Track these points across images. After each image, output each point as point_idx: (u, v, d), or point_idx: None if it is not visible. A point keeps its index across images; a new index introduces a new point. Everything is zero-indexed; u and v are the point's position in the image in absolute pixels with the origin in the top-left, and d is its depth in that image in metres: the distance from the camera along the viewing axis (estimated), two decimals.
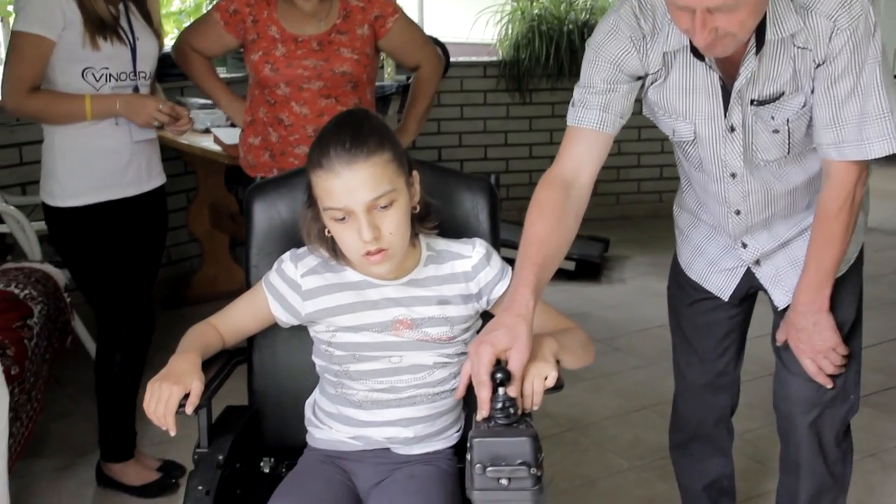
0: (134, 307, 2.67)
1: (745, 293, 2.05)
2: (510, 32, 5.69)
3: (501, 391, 1.46)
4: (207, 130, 3.83)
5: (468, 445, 1.42)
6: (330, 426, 1.76)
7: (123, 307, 2.65)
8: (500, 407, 1.45)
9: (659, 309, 4.13)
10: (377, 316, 1.69)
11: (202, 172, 4.35)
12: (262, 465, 1.82)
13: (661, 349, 3.73)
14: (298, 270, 1.73)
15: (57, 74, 2.48)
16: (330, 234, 1.65)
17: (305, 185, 1.67)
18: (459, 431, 1.79)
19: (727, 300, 2.05)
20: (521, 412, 1.47)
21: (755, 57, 1.67)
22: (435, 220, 1.74)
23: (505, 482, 1.38)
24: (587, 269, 4.70)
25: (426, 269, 1.72)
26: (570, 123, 1.79)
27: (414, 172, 1.67)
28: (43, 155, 2.59)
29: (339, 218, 1.59)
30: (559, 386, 1.53)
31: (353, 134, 1.57)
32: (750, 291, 2.05)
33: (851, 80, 1.65)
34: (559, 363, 1.57)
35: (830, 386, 1.91)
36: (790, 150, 1.79)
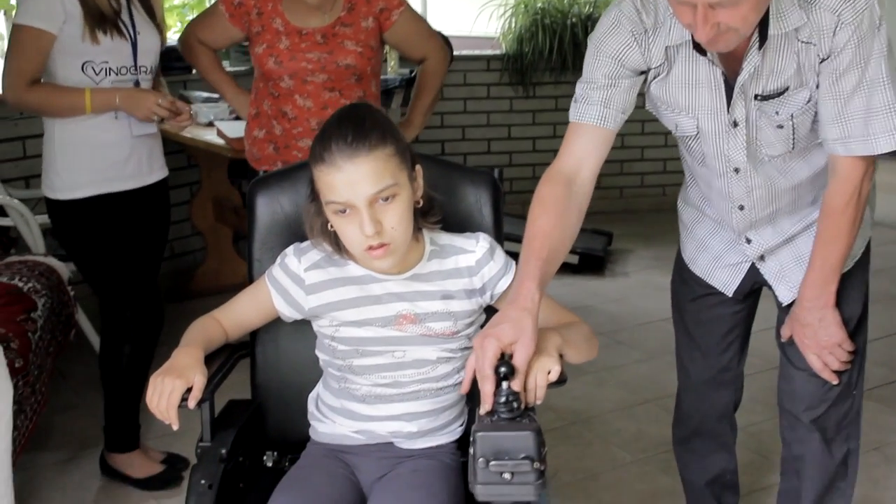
0: (142, 299, 2.68)
1: (749, 289, 2.04)
2: (513, 26, 5.68)
3: (505, 385, 1.45)
4: (211, 124, 3.83)
5: (471, 440, 1.42)
6: (333, 420, 1.76)
7: (131, 299, 2.66)
8: (503, 401, 1.45)
9: (662, 303, 4.13)
10: (380, 311, 1.69)
11: (205, 166, 4.35)
12: (265, 458, 1.82)
13: (664, 343, 3.73)
14: (302, 265, 1.73)
15: (57, 68, 2.48)
16: (333, 228, 1.65)
17: (308, 178, 1.67)
18: (463, 426, 1.79)
19: (731, 296, 2.05)
20: (524, 406, 1.47)
21: (758, 52, 1.66)
22: (438, 214, 1.73)
23: (508, 476, 1.38)
24: (591, 262, 4.70)
25: (430, 263, 1.72)
26: (571, 119, 1.79)
27: (417, 166, 1.67)
28: (43, 148, 2.60)
29: (341, 212, 1.59)
30: (563, 380, 1.53)
31: (355, 128, 1.57)
32: (754, 287, 2.05)
33: (857, 74, 1.64)
34: (563, 357, 1.57)
35: (836, 382, 1.90)
36: (795, 145, 1.78)
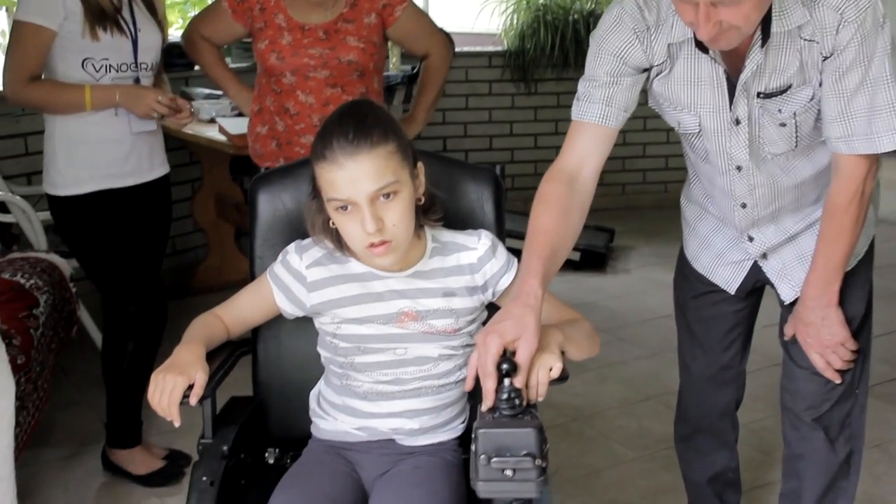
0: (144, 295, 2.68)
1: (751, 287, 2.04)
2: (515, 22, 5.67)
3: (507, 382, 1.45)
4: (212, 120, 3.83)
5: (473, 436, 1.42)
6: (335, 417, 1.76)
7: (134, 296, 2.66)
8: (505, 398, 1.45)
9: (664, 299, 4.12)
10: (382, 308, 1.69)
11: (207, 162, 4.35)
12: (266, 455, 1.83)
13: (665, 339, 3.74)
14: (303, 262, 1.73)
15: (58, 64, 2.48)
16: (334, 225, 1.65)
17: (310, 175, 1.66)
18: (464, 422, 1.79)
19: (733, 294, 2.04)
20: (526, 403, 1.47)
21: (761, 49, 1.66)
22: (440, 211, 1.73)
23: (510, 473, 1.38)
24: (592, 259, 4.70)
25: (431, 260, 1.72)
26: (573, 117, 1.78)
27: (419, 164, 1.67)
28: (44, 145, 2.60)
29: (342, 209, 1.59)
30: (564, 377, 1.53)
31: (356, 125, 1.57)
32: (757, 285, 2.04)
33: (860, 73, 1.64)
34: (564, 354, 1.56)
35: (839, 381, 1.90)
36: (798, 143, 1.78)
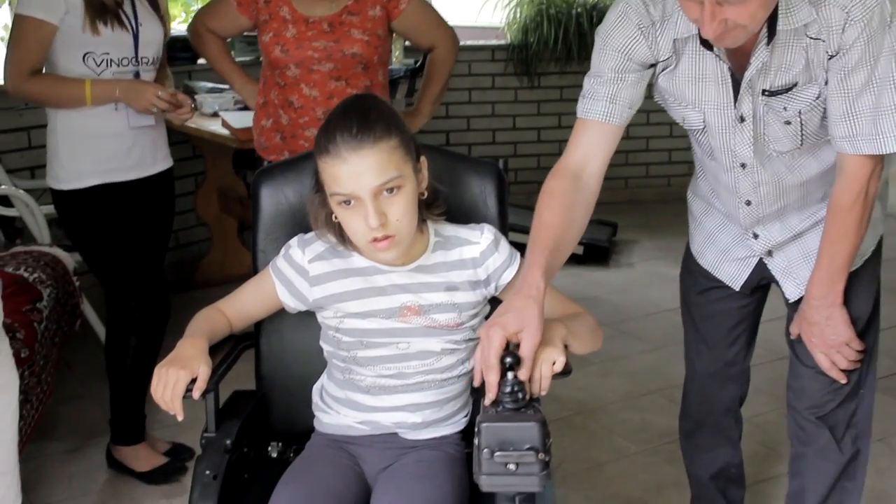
0: (147, 290, 2.68)
1: (756, 284, 2.03)
2: (518, 16, 5.66)
3: (510, 375, 1.45)
4: (215, 114, 3.83)
5: (476, 430, 1.41)
6: (338, 411, 1.76)
7: (137, 290, 2.66)
8: (508, 391, 1.44)
9: (667, 293, 4.12)
10: (385, 302, 1.69)
11: (210, 156, 4.35)
12: (269, 449, 1.83)
13: (668, 333, 3.74)
14: (306, 256, 1.73)
15: (59, 58, 2.48)
16: (337, 219, 1.65)
17: (313, 169, 1.66)
18: (467, 416, 1.79)
19: (738, 290, 2.03)
20: (529, 397, 1.47)
21: (766, 47, 1.64)
22: (443, 205, 1.73)
23: (513, 467, 1.37)
24: (595, 253, 4.69)
25: (434, 255, 1.71)
26: (578, 115, 1.78)
27: (422, 158, 1.67)
28: (47, 139, 2.60)
29: (345, 203, 1.59)
30: (567, 371, 1.53)
31: (360, 120, 1.56)
32: (762, 282, 2.03)
33: (866, 72, 1.62)
34: (567, 348, 1.56)
35: (844, 381, 1.89)
36: (803, 141, 1.77)
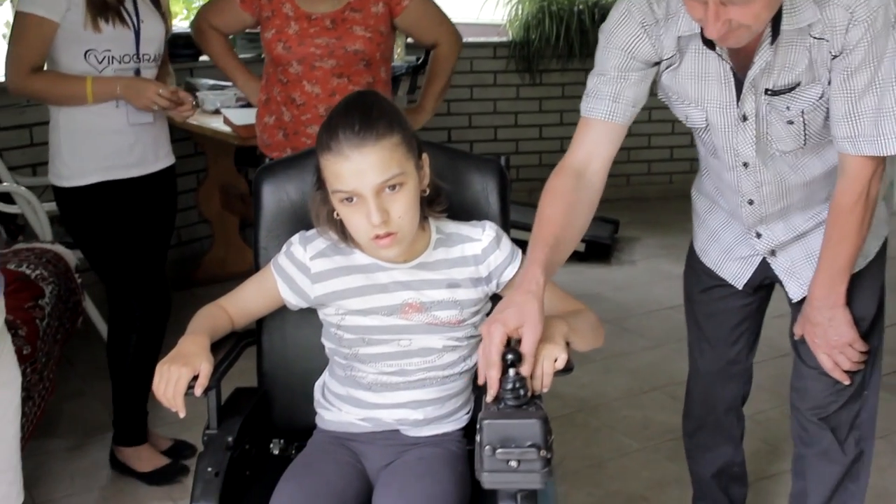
0: (148, 288, 2.68)
1: (759, 283, 2.02)
2: (520, 13, 5.65)
3: (512, 372, 1.45)
4: (217, 111, 3.83)
5: (478, 427, 1.42)
6: (339, 408, 1.77)
7: (137, 288, 2.66)
8: (510, 388, 1.45)
9: (669, 290, 4.12)
10: (386, 299, 1.69)
11: (212, 153, 4.35)
12: (271, 446, 1.83)
13: (670, 330, 3.74)
14: (307, 253, 1.73)
15: (60, 56, 2.48)
16: (339, 216, 1.65)
17: (315, 166, 1.66)
18: (469, 413, 1.79)
19: (741, 289, 2.03)
20: (531, 394, 1.47)
21: (770, 47, 1.64)
22: (444, 202, 1.73)
23: (515, 464, 1.38)
24: (597, 250, 4.69)
25: (436, 252, 1.71)
26: (581, 114, 1.78)
27: (423, 155, 1.67)
28: (49, 136, 2.60)
29: (347, 200, 1.59)
30: (569, 368, 1.53)
31: (362, 117, 1.56)
32: (765, 282, 2.02)
33: (869, 73, 1.61)
34: (569, 345, 1.56)
35: (847, 382, 1.88)
36: (807, 141, 1.76)
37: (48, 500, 2.69)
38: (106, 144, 2.55)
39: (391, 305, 1.69)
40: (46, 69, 2.51)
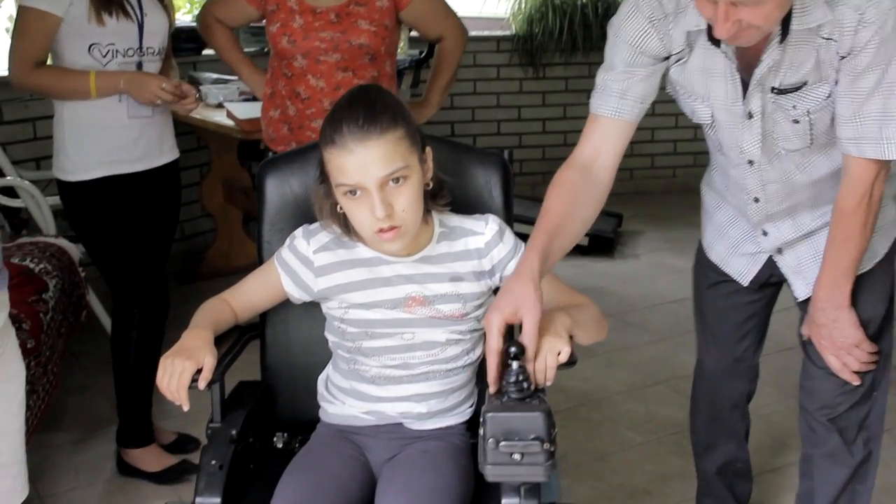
0: (148, 284, 2.68)
1: (766, 280, 2.01)
2: (523, 6, 5.64)
3: (515, 365, 1.45)
4: (220, 105, 3.83)
5: (481, 420, 1.42)
6: (343, 401, 1.77)
7: (137, 283, 2.66)
8: (513, 381, 1.44)
9: (672, 284, 4.12)
10: (389, 293, 1.69)
11: (215, 147, 4.35)
12: (275, 440, 1.83)
13: (674, 324, 3.74)
14: (311, 247, 1.73)
15: (64, 50, 2.48)
16: (342, 210, 1.65)
17: (318, 160, 1.66)
18: (472, 407, 1.79)
19: (746, 285, 2.02)
20: (534, 387, 1.47)
21: (779, 46, 1.62)
22: (448, 196, 1.73)
23: (518, 457, 1.38)
24: (600, 244, 4.69)
25: (439, 245, 1.71)
26: (590, 110, 1.78)
27: (427, 149, 1.66)
28: (54, 130, 2.60)
29: (351, 194, 1.59)
30: (572, 361, 1.53)
31: (366, 111, 1.56)
32: (772, 279, 2.01)
33: (876, 76, 1.60)
34: (572, 338, 1.56)
35: (857, 382, 1.87)
36: (813, 141, 1.75)
37: (53, 493, 2.70)
38: (110, 139, 2.55)
39: (394, 299, 1.69)
40: (50, 64, 2.51)
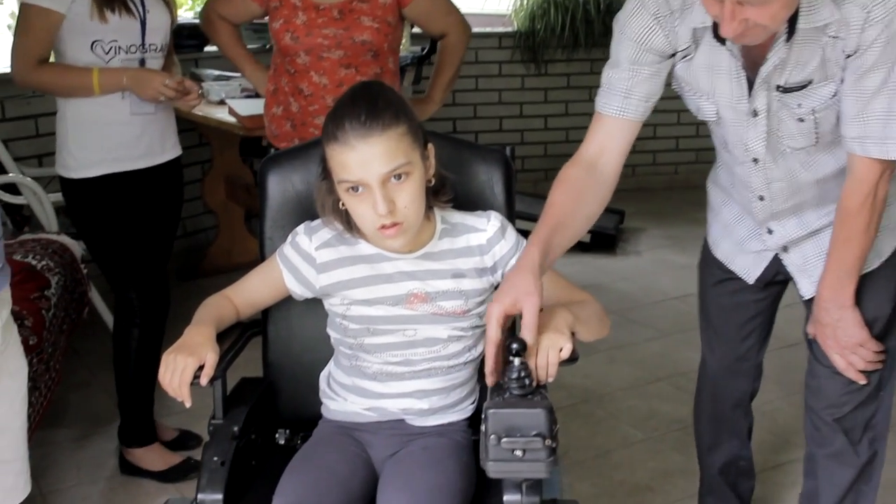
0: (148, 282, 2.67)
1: (771, 278, 2.01)
2: (525, 3, 5.63)
3: (517, 361, 1.45)
4: (222, 102, 3.83)
5: (483, 416, 1.42)
6: (345, 398, 1.77)
7: (138, 281, 2.65)
8: (515, 377, 1.44)
9: (674, 281, 4.12)
10: (391, 289, 1.69)
11: (217, 144, 4.35)
12: (277, 436, 1.83)
13: (675, 321, 3.74)
14: (313, 243, 1.73)
15: (67, 48, 2.47)
16: (344, 206, 1.65)
17: (320, 157, 1.66)
18: (474, 403, 1.80)
19: (752, 283, 2.01)
20: (536, 384, 1.47)
21: (785, 44, 1.62)
22: (450, 192, 1.73)
23: (520, 453, 1.37)
24: (602, 240, 4.69)
25: (441, 242, 1.71)
26: (595, 108, 1.78)
27: (429, 145, 1.66)
28: (57, 127, 2.59)
29: (353, 190, 1.59)
30: (574, 358, 1.53)
31: (368, 107, 1.56)
32: (777, 278, 2.01)
33: (882, 75, 1.59)
34: (574, 335, 1.56)
35: (864, 382, 1.86)
36: (819, 139, 1.74)
37: (55, 489, 2.70)
38: (113, 135, 2.55)
39: (396, 295, 1.69)
40: (52, 61, 2.51)
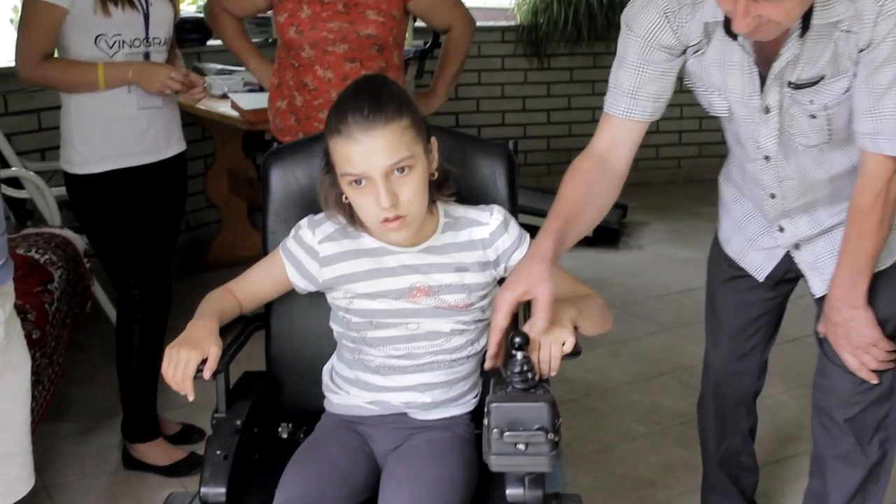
0: (151, 277, 2.67)
1: (782, 276, 2.00)
2: None
3: (520, 355, 1.45)
4: (225, 96, 3.82)
5: (486, 410, 1.42)
6: (348, 391, 1.77)
7: (140, 277, 2.65)
8: (517, 371, 1.45)
9: (677, 275, 4.11)
10: (394, 283, 1.69)
11: (220, 138, 4.35)
12: (280, 430, 1.83)
13: (678, 315, 3.74)
14: (316, 237, 1.73)
15: (70, 43, 2.47)
16: (347, 200, 1.65)
17: (323, 150, 1.66)
18: (477, 397, 1.80)
19: (762, 280, 2.01)
20: (538, 377, 1.47)
21: (799, 40, 1.60)
22: (453, 186, 1.73)
23: (522, 447, 1.38)
24: (605, 235, 4.68)
25: (444, 235, 1.71)
26: (604, 108, 1.77)
27: (432, 139, 1.66)
28: (61, 122, 2.59)
29: (356, 183, 1.59)
30: (577, 352, 1.53)
31: (371, 100, 1.56)
32: (788, 276, 2.00)
33: (894, 69, 1.58)
34: (577, 329, 1.56)
35: (875, 381, 1.85)
36: (831, 136, 1.73)
37: (58, 483, 2.71)
38: (118, 131, 2.54)
39: (399, 289, 1.69)
40: (57, 56, 2.51)
